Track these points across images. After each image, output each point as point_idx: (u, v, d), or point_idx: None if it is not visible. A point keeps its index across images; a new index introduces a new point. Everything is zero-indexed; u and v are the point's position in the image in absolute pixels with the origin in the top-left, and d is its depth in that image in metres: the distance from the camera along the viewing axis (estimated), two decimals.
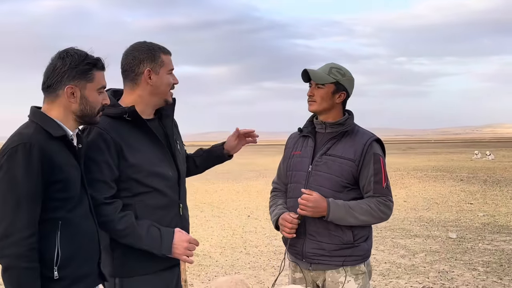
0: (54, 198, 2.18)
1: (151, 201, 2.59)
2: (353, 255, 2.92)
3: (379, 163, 2.90)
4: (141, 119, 2.60)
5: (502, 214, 11.45)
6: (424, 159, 34.58)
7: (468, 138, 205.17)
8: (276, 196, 3.22)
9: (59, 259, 2.18)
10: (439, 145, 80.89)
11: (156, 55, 2.63)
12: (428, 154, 43.43)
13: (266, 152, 57.18)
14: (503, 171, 23.08)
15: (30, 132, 2.19)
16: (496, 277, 6.52)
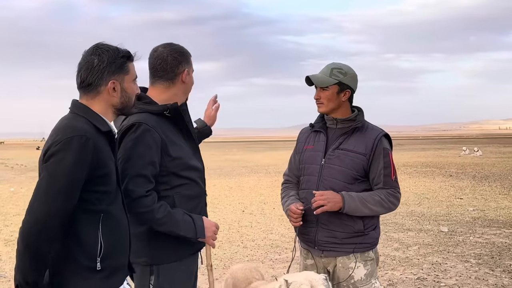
0: (97, 191, 2.23)
1: (186, 192, 2.75)
2: (363, 242, 3.07)
3: (388, 157, 3.06)
4: (181, 116, 2.77)
5: (491, 209, 11.66)
6: (414, 155, 34.91)
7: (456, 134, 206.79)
8: (287, 187, 3.36)
9: (102, 251, 2.23)
10: (428, 142, 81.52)
11: (189, 58, 2.85)
12: (417, 150, 43.83)
13: (256, 148, 57.38)
14: (491, 167, 23.40)
15: (82, 125, 2.22)
16: (488, 268, 6.70)
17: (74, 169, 2.13)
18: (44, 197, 2.11)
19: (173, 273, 2.72)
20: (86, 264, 2.21)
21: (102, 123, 2.29)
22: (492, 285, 5.97)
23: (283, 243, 8.46)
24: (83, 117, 2.27)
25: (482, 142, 69.30)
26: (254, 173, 22.54)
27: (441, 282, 6.13)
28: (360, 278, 3.06)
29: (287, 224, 10.16)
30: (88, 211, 2.22)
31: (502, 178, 18.30)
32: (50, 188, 2.11)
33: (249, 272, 3.35)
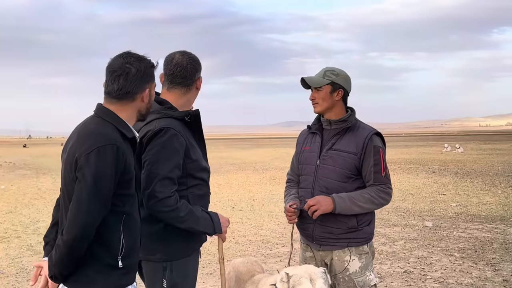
0: (122, 194, 2.34)
1: (199, 192, 2.90)
2: (357, 237, 3.23)
3: (379, 154, 3.22)
4: (200, 122, 2.94)
5: (473, 204, 11.93)
6: (397, 152, 35.29)
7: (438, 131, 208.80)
8: (289, 186, 3.56)
9: (123, 249, 2.35)
10: (410, 139, 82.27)
11: (201, 66, 3.01)
12: (400, 147, 44.25)
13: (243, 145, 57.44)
14: (472, 164, 23.78)
15: (112, 133, 2.32)
16: (471, 262, 6.92)
17: (110, 178, 2.25)
18: (86, 206, 2.24)
19: (185, 267, 2.86)
20: (109, 262, 2.33)
21: (128, 130, 2.40)
22: (475, 277, 6.18)
23: (273, 239, 8.63)
24: (111, 124, 2.36)
25: (463, 139, 70.13)
26: (242, 170, 22.68)
27: (427, 275, 6.34)
28: (355, 271, 3.23)
29: (276, 220, 10.34)
30: (114, 213, 2.33)
31: (483, 175, 18.64)
32: (90, 200, 2.23)
33: (251, 266, 3.49)
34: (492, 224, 9.53)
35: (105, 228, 2.31)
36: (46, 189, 16.01)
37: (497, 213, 10.65)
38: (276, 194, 13.88)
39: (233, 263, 3.64)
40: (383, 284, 6.00)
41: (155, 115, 2.84)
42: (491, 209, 11.24)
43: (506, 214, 10.49)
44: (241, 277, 3.41)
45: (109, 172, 2.24)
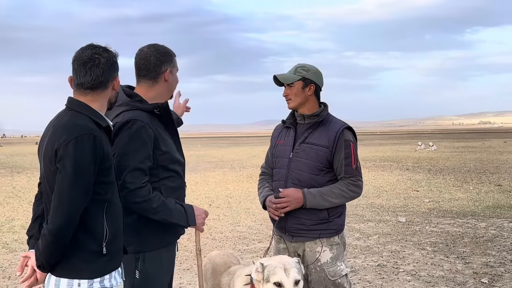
0: (102, 182, 2.39)
1: (171, 184, 2.91)
2: (328, 229, 3.30)
3: (349, 148, 3.29)
4: (170, 114, 2.96)
5: (445, 200, 12.15)
6: (372, 150, 35.65)
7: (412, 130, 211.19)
8: (263, 179, 3.61)
9: (107, 236, 2.39)
10: (385, 137, 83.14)
11: (173, 58, 3.00)
12: (375, 145, 44.72)
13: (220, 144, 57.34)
14: (445, 161, 24.17)
15: (87, 123, 2.36)
16: (443, 255, 7.06)
17: (89, 167, 2.29)
18: (68, 195, 2.28)
19: (159, 259, 2.89)
20: (94, 249, 2.37)
21: (102, 119, 2.44)
22: (446, 270, 6.32)
23: (250, 235, 8.68)
24: (84, 115, 2.40)
25: (436, 137, 71.11)
26: (219, 168, 22.69)
27: (400, 268, 6.46)
28: (326, 261, 3.29)
29: (253, 217, 10.39)
30: (96, 201, 2.37)
31: (456, 171, 18.97)
32: (71, 189, 2.28)
33: (227, 258, 3.54)
34: (464, 219, 9.73)
35: (88, 216, 2.35)
36: (21, 188, 15.81)
37: (468, 209, 10.86)
38: (253, 192, 13.93)
39: (210, 255, 3.68)
40: (357, 277, 6.10)
41: (124, 108, 2.86)
42: (462, 204, 11.47)
43: (477, 210, 10.71)
44: (217, 268, 3.45)
45: (88, 161, 2.28)
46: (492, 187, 14.30)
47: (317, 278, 3.28)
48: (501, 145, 39.10)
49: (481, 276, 6.02)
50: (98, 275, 2.38)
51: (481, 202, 11.66)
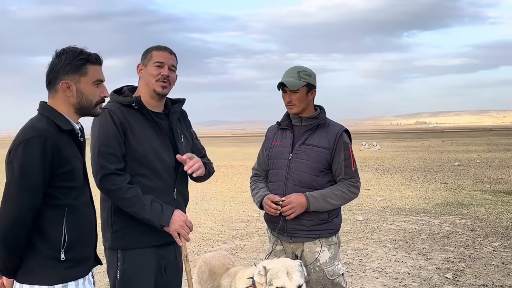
0: (61, 187, 2.34)
1: (148, 182, 2.85)
2: (327, 229, 3.34)
3: (348, 150, 3.34)
4: (146, 108, 2.91)
5: (397, 198, 12.50)
6: None
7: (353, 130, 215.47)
8: (256, 180, 3.58)
9: (65, 242, 2.34)
10: None
11: (149, 53, 3.01)
12: None
13: None
14: (390, 160, 24.87)
15: (43, 125, 2.33)
16: (404, 252, 7.27)
17: (36, 169, 2.26)
18: (13, 198, 2.27)
19: (139, 261, 2.85)
20: (50, 254, 2.34)
21: (64, 122, 2.39)
22: (411, 266, 6.51)
23: (213, 236, 8.63)
24: (46, 117, 2.38)
25: (377, 137, 73.03)
26: None
27: (366, 265, 6.60)
28: (325, 261, 3.33)
29: (213, 217, 10.34)
30: (53, 206, 2.34)
31: (402, 170, 19.55)
32: (16, 190, 2.26)
33: (223, 259, 3.51)
34: (417, 216, 10.04)
35: (44, 221, 2.33)
36: None
37: (420, 206, 11.22)
38: (208, 193, 13.87)
39: (204, 257, 3.64)
40: None
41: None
42: (413, 202, 11.83)
43: (428, 207, 11.08)
44: (215, 270, 3.41)
45: (35, 163, 2.26)
46: (439, 185, 14.83)
47: (316, 278, 3.30)
48: (440, 145, 40.63)
49: (444, 271, 6.24)
50: (59, 282, 2.34)
51: (431, 200, 12.07)
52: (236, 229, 9.18)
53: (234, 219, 10.15)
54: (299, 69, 3.40)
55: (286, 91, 3.38)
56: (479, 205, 11.09)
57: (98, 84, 2.49)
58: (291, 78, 3.36)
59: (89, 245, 2.51)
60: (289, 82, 3.35)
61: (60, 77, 2.41)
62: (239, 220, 10.02)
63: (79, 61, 2.42)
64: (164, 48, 3.00)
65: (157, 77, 2.94)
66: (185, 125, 3.16)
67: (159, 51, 2.99)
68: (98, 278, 6.07)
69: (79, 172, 2.43)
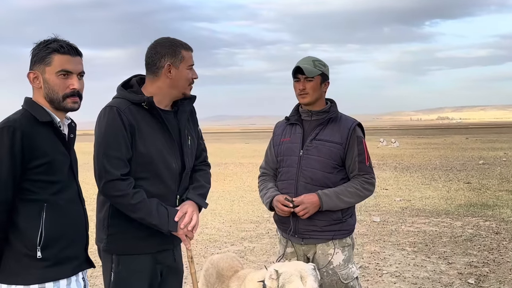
0: (37, 180, 2.37)
1: (150, 188, 2.85)
2: (341, 229, 3.36)
3: (362, 144, 3.37)
4: (157, 110, 2.87)
5: (417, 199, 12.48)
6: None
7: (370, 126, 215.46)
8: (265, 180, 3.61)
9: (42, 239, 2.36)
10: None
11: (177, 51, 2.90)
12: None
13: None
14: (410, 158, 24.81)
15: (16, 117, 2.38)
16: (424, 255, 7.27)
17: (6, 161, 2.30)
18: None
19: (134, 265, 2.87)
20: (25, 252, 2.35)
21: (41, 113, 2.42)
22: (431, 271, 6.51)
23: (221, 237, 8.69)
24: (25, 110, 2.43)
25: (396, 133, 72.83)
26: None
27: (383, 270, 6.61)
28: (339, 264, 3.35)
29: (220, 218, 10.39)
30: (28, 200, 2.36)
31: (422, 169, 19.50)
32: None
33: (231, 261, 3.54)
34: (438, 218, 10.02)
35: (20, 216, 2.36)
36: None
37: (441, 207, 11.20)
38: (215, 192, 13.91)
39: (211, 259, 3.68)
40: None
41: (114, 96, 2.92)
42: (434, 203, 11.80)
43: (450, 208, 11.06)
44: (223, 273, 3.45)
45: (4, 154, 2.29)
46: (462, 185, 14.78)
47: (329, 281, 3.33)
48: (464, 142, 40.44)
49: (466, 276, 6.23)
50: (35, 282, 2.35)
51: (453, 201, 12.04)
52: (245, 230, 9.23)
53: (243, 220, 10.20)
54: (313, 58, 3.43)
55: (300, 78, 3.38)
56: (505, 206, 11.05)
57: (66, 75, 2.46)
58: (306, 65, 3.37)
59: (74, 245, 2.51)
60: (306, 68, 3.35)
61: (30, 68, 2.48)
62: (248, 221, 10.07)
63: (46, 50, 2.45)
64: (190, 48, 2.97)
65: (190, 81, 2.96)
66: (192, 123, 3.12)
67: (188, 51, 2.95)
68: (100, 281, 6.14)
69: (60, 166, 2.45)
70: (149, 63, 2.93)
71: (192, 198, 2.99)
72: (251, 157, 27.90)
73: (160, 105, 2.91)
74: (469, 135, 56.90)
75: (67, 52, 2.47)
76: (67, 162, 2.50)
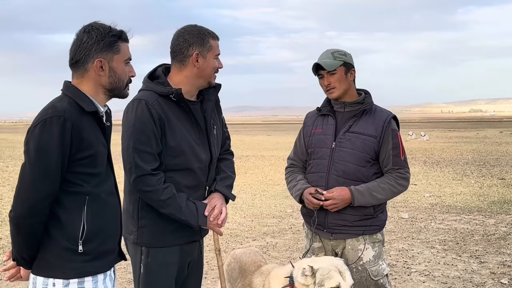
0: (81, 173, 2.38)
1: (181, 180, 2.91)
2: (372, 225, 3.37)
3: (397, 138, 3.36)
4: (186, 102, 2.91)
5: (447, 195, 12.39)
6: None
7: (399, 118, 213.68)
8: (293, 171, 3.62)
9: (84, 233, 2.37)
10: None
11: (205, 40, 2.93)
12: None
13: None
14: (440, 152, 24.59)
15: (64, 105, 2.35)
16: (454, 254, 7.24)
17: (54, 151, 2.28)
18: (29, 181, 2.30)
19: (163, 257, 2.94)
20: (67, 245, 2.36)
21: (87, 103, 2.42)
22: (461, 270, 6.48)
23: (242, 232, 8.74)
24: (68, 97, 2.41)
25: (426, 126, 72.16)
26: None
27: (412, 268, 6.59)
28: (369, 260, 3.36)
29: (242, 212, 10.45)
30: (72, 193, 2.37)
31: (453, 164, 19.33)
32: (33, 173, 2.29)
33: (254, 256, 3.58)
34: (470, 215, 9.95)
35: (62, 209, 2.36)
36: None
37: (473, 204, 11.11)
38: (236, 185, 13.85)
39: (234, 253, 3.72)
40: None
41: (140, 88, 2.95)
42: (466, 199, 11.71)
43: (482, 205, 10.96)
44: (245, 268, 3.48)
45: (54, 145, 2.28)
46: (495, 181, 14.63)
47: (359, 278, 3.34)
48: (498, 136, 39.92)
49: (499, 276, 6.19)
50: (75, 276, 2.37)
51: (486, 197, 11.93)
52: (268, 225, 9.26)
53: (265, 215, 10.24)
54: (332, 50, 3.44)
55: (323, 74, 3.40)
56: None
57: (128, 63, 2.55)
58: (325, 59, 3.38)
59: (112, 238, 2.53)
60: (325, 63, 3.37)
61: (92, 55, 2.43)
62: (271, 216, 10.10)
63: (111, 37, 2.46)
64: (217, 37, 3.01)
65: (216, 70, 3.02)
66: (217, 112, 3.17)
67: (215, 40, 2.99)
68: (119, 274, 6.23)
69: (102, 158, 2.46)
70: (176, 51, 2.96)
71: (221, 190, 3.06)
72: (273, 149, 27.92)
73: (187, 95, 2.94)
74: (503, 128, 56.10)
75: (128, 40, 2.54)
76: (106, 153, 2.52)
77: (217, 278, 5.68)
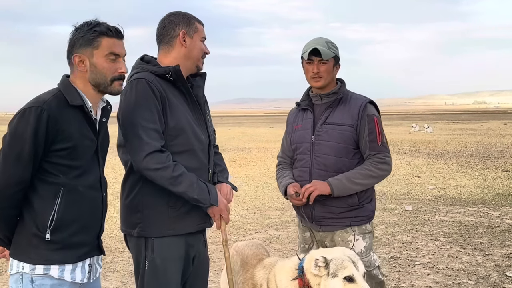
0: (58, 164, 2.44)
1: (184, 162, 2.86)
2: (358, 215, 3.37)
3: (373, 122, 3.33)
4: (184, 80, 2.90)
5: (451, 187, 12.36)
6: None
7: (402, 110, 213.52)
8: (282, 168, 3.66)
9: (53, 222, 2.43)
10: None
11: (191, 21, 2.98)
12: None
13: None
14: (444, 144, 24.55)
15: (47, 97, 2.44)
16: (459, 246, 7.22)
17: (28, 139, 2.35)
18: (1, 167, 2.38)
19: (168, 250, 2.90)
20: (35, 232, 2.44)
21: (74, 97, 2.48)
22: (466, 263, 6.46)
23: (244, 224, 8.74)
24: (58, 90, 2.49)
25: (429, 118, 72.06)
26: None
27: (415, 260, 6.58)
28: (360, 251, 3.36)
29: (244, 204, 10.45)
30: (47, 182, 2.44)
31: (457, 156, 19.29)
32: (5, 157, 2.38)
33: (256, 249, 3.56)
34: (474, 207, 9.92)
35: (36, 196, 2.44)
36: None
37: (478, 196, 11.08)
38: (238, 177, 13.98)
39: (236, 246, 3.70)
40: None
41: (134, 71, 2.91)
42: (470, 192, 11.68)
43: (487, 197, 10.93)
44: (247, 261, 3.46)
45: (28, 133, 2.35)
46: (499, 173, 14.59)
47: None
48: (502, 128, 39.83)
49: (504, 269, 6.17)
50: (40, 262, 2.44)
51: (490, 189, 11.90)
52: (270, 217, 9.25)
53: (267, 207, 10.23)
54: (326, 39, 3.43)
55: (314, 60, 3.36)
56: None
57: (114, 59, 2.55)
58: (322, 47, 3.35)
59: (86, 231, 2.57)
60: (323, 50, 3.35)
61: (74, 51, 2.51)
62: (273, 208, 10.10)
63: (93, 33, 2.50)
64: (202, 23, 3.04)
65: (203, 54, 3.02)
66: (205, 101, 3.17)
67: (200, 25, 3.02)
68: (121, 267, 6.23)
69: (84, 152, 2.50)
70: (163, 33, 2.98)
71: (224, 181, 3.09)
72: (276, 141, 27.88)
73: None
74: (507, 120, 55.97)
75: (115, 35, 2.55)
76: (93, 147, 2.56)
77: (220, 270, 5.68)
